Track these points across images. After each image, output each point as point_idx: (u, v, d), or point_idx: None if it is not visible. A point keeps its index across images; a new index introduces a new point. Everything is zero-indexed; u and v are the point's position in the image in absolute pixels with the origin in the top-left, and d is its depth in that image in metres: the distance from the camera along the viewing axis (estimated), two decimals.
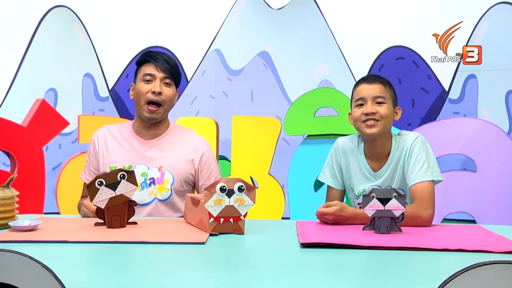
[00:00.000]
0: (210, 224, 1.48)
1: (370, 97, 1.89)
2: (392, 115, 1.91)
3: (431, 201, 1.77)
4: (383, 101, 1.88)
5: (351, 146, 2.01)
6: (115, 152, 2.01)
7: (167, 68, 1.99)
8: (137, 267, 1.19)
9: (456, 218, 2.89)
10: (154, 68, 1.98)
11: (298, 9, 3.39)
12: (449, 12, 3.15)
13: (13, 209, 1.60)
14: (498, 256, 1.25)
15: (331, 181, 2.04)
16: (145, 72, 1.99)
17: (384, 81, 1.94)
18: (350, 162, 1.99)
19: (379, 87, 1.90)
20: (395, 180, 1.91)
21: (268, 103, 3.39)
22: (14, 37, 3.59)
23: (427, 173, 1.82)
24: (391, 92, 1.94)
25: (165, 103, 1.99)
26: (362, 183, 1.96)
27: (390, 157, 1.91)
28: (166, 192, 1.96)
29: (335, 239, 1.37)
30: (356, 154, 1.99)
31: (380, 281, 1.08)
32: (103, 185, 1.55)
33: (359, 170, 1.97)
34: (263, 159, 3.05)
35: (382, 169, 1.92)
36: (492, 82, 3.12)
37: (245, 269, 1.17)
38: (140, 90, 1.98)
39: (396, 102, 1.96)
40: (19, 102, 3.52)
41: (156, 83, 1.97)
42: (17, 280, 0.89)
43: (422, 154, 1.85)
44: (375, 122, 1.87)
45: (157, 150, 2.00)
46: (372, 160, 1.95)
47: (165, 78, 1.99)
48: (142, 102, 1.98)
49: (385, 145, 1.93)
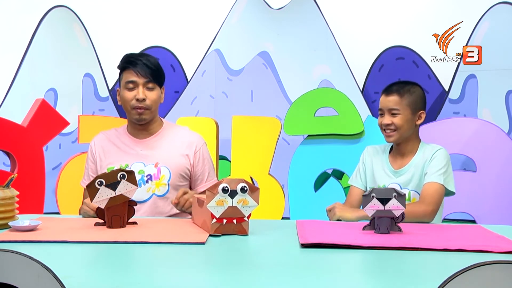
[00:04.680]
0: (212, 225, 1.47)
1: (386, 109, 2.08)
2: (409, 121, 2.06)
3: (436, 199, 1.93)
4: (397, 113, 2.05)
5: (377, 150, 2.20)
6: (112, 154, 2.03)
7: (147, 73, 1.98)
8: (137, 267, 1.19)
9: (456, 218, 2.89)
10: (135, 75, 1.97)
11: (298, 9, 3.39)
12: (449, 12, 3.15)
13: (13, 209, 1.60)
14: (498, 256, 1.25)
15: (354, 180, 2.22)
16: (127, 79, 1.99)
17: (402, 91, 2.07)
18: (374, 164, 2.17)
19: (394, 99, 2.06)
20: (413, 182, 2.05)
21: (268, 103, 3.39)
22: (14, 37, 3.59)
23: (440, 177, 1.98)
24: (410, 99, 2.06)
25: (151, 107, 2.01)
26: (383, 179, 2.11)
27: (413, 159, 2.08)
28: (163, 187, 1.98)
29: (335, 239, 1.37)
30: (382, 155, 2.17)
31: (380, 281, 1.08)
32: (103, 185, 1.55)
33: (382, 168, 2.14)
34: (263, 159, 3.06)
35: (402, 168, 2.08)
36: (492, 82, 3.11)
37: (245, 269, 1.17)
38: (124, 97, 2.00)
39: (419, 107, 2.08)
40: (19, 102, 3.52)
41: (139, 90, 1.97)
42: (17, 280, 0.89)
43: (442, 162, 2.02)
44: (392, 132, 2.07)
45: (152, 148, 2.03)
46: (395, 159, 2.12)
47: (147, 83, 1.99)
48: (128, 108, 2.00)
49: (409, 146, 2.10)
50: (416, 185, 2.05)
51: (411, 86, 2.11)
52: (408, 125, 2.06)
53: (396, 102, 2.06)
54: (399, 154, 2.12)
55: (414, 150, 2.10)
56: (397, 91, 2.08)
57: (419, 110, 2.09)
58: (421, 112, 2.10)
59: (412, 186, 2.05)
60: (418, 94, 2.10)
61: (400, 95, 2.07)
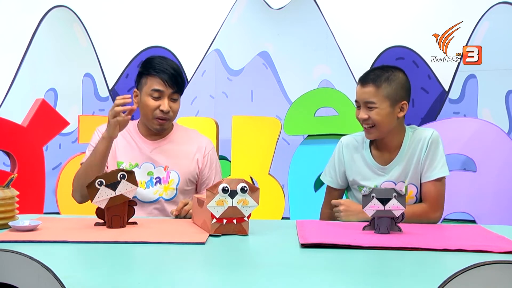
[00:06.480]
0: (212, 225, 1.47)
1: (362, 102, 1.86)
2: (388, 115, 1.83)
3: (442, 202, 1.85)
4: (373, 106, 1.82)
5: (355, 143, 1.99)
6: (121, 149, 2.00)
7: (174, 83, 1.94)
8: (137, 267, 1.19)
9: (456, 218, 2.88)
10: (162, 84, 1.93)
11: (298, 9, 3.39)
12: (449, 12, 3.15)
13: (13, 209, 1.60)
14: (498, 256, 1.25)
15: (329, 181, 2.04)
16: (152, 87, 1.93)
17: (379, 80, 1.83)
18: (355, 160, 1.97)
19: (370, 90, 1.82)
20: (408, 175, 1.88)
21: (268, 103, 3.38)
22: (14, 37, 3.59)
23: (444, 169, 1.85)
24: (389, 89, 1.82)
25: (173, 118, 2.00)
26: (372, 179, 1.92)
27: (401, 150, 1.89)
28: (171, 191, 1.98)
29: (335, 239, 1.37)
30: (361, 151, 1.96)
31: (380, 281, 1.08)
32: (103, 185, 1.55)
33: (367, 167, 1.94)
34: (263, 159, 3.05)
35: (392, 163, 1.90)
36: (492, 82, 3.11)
37: (245, 269, 1.17)
38: (147, 105, 1.94)
39: (399, 97, 1.84)
40: (19, 102, 3.52)
41: (164, 101, 1.93)
42: (17, 280, 0.89)
43: (441, 149, 1.87)
44: (371, 128, 1.86)
45: (163, 151, 2.01)
46: (382, 153, 1.92)
47: (172, 94, 1.95)
48: (150, 116, 1.96)
49: (394, 138, 1.89)
50: (411, 177, 1.87)
51: (391, 72, 1.83)
52: (388, 119, 1.83)
53: (372, 93, 1.81)
54: (384, 149, 1.91)
55: (400, 141, 1.89)
56: (374, 80, 1.81)
57: (400, 101, 1.84)
58: (403, 103, 1.84)
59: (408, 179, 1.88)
60: (399, 82, 1.83)
61: (376, 86, 1.81)
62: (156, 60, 1.97)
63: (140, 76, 1.99)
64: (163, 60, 1.98)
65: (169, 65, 1.95)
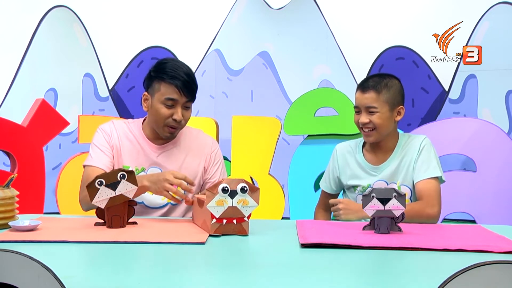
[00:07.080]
0: (212, 226, 1.47)
1: (363, 107, 1.97)
2: (388, 119, 1.96)
3: (438, 198, 1.88)
4: (375, 111, 1.94)
5: (349, 149, 2.10)
6: (127, 153, 1.95)
7: (189, 92, 1.87)
8: (137, 267, 1.19)
9: (456, 218, 2.88)
10: (177, 93, 1.85)
11: (298, 9, 3.39)
12: (449, 12, 3.15)
13: (13, 209, 1.59)
14: (498, 256, 1.25)
15: (324, 186, 2.16)
16: (166, 95, 1.85)
17: (379, 86, 1.94)
18: (349, 163, 2.07)
19: (371, 96, 1.94)
20: (401, 176, 1.97)
21: (268, 103, 3.39)
22: (14, 37, 3.59)
23: (436, 170, 1.92)
24: (388, 95, 1.95)
25: (184, 125, 1.94)
26: (365, 178, 2.01)
27: (394, 152, 1.99)
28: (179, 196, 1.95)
29: (335, 239, 1.37)
30: (355, 155, 2.07)
31: (380, 281, 1.08)
32: (103, 185, 1.55)
33: (360, 168, 2.04)
34: (263, 159, 3.05)
35: (384, 163, 1.99)
36: (492, 82, 3.12)
37: (245, 269, 1.17)
38: (160, 113, 1.87)
39: (397, 102, 1.98)
40: (19, 102, 3.52)
41: (178, 110, 1.86)
42: (17, 280, 0.89)
43: (432, 152, 1.95)
44: (371, 131, 1.96)
45: (169, 155, 1.97)
46: (375, 155, 2.02)
47: (186, 102, 1.89)
48: (161, 124, 1.89)
49: (389, 140, 2.01)
50: (403, 178, 1.96)
51: (389, 79, 1.97)
52: (387, 122, 1.95)
53: (373, 99, 1.93)
54: (378, 151, 2.02)
55: (394, 144, 2.01)
56: (374, 87, 1.94)
57: (398, 105, 1.97)
58: (400, 107, 1.98)
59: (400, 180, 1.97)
60: (396, 88, 1.97)
61: (377, 91, 1.93)
62: (169, 64, 1.90)
63: (152, 79, 1.91)
64: (177, 65, 1.91)
65: (183, 72, 1.88)
